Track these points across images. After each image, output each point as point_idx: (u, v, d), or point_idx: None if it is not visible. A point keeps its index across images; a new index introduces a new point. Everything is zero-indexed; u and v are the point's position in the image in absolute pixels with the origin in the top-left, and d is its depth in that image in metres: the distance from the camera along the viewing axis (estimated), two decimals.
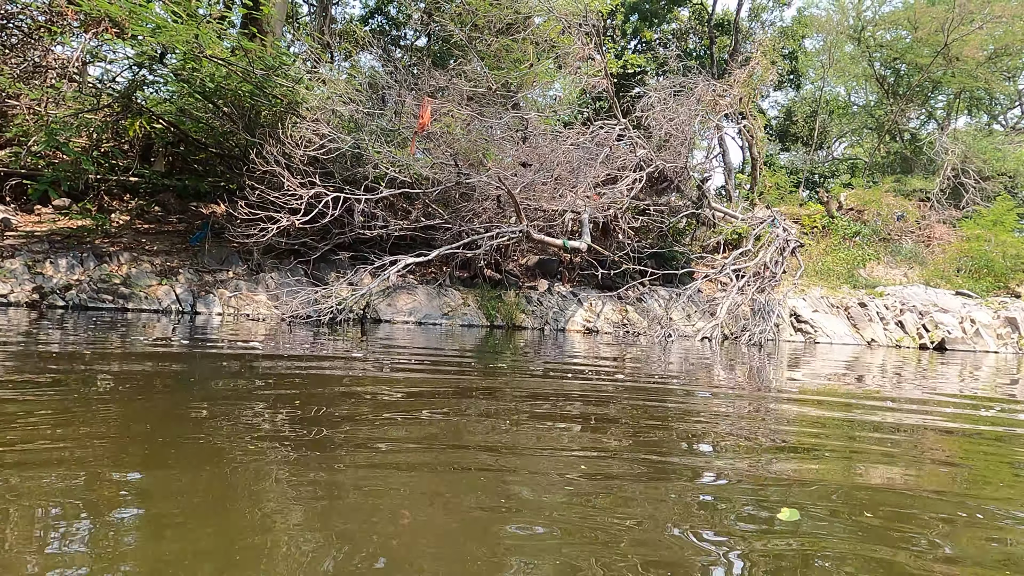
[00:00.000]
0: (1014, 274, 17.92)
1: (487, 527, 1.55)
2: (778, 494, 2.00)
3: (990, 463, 2.71)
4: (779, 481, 2.17)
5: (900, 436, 3.11)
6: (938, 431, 3.32)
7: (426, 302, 11.93)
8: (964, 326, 14.03)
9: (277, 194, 9.84)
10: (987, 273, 17.88)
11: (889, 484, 2.23)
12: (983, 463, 2.70)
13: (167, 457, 1.92)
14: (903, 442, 2.98)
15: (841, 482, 2.24)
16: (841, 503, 1.96)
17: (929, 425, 3.46)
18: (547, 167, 12.08)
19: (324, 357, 5.27)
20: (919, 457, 2.71)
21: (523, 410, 3.19)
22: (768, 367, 7.16)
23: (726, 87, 15.60)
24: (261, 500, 1.60)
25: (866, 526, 1.74)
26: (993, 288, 17.56)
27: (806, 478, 2.24)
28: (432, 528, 1.54)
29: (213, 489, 1.65)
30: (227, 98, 11.39)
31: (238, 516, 1.48)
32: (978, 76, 22.52)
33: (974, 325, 13.98)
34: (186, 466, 1.84)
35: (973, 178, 22.85)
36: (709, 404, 3.95)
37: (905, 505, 1.98)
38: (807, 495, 2.01)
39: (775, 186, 21.85)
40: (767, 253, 12.87)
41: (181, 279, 10.78)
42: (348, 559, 1.29)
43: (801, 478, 2.24)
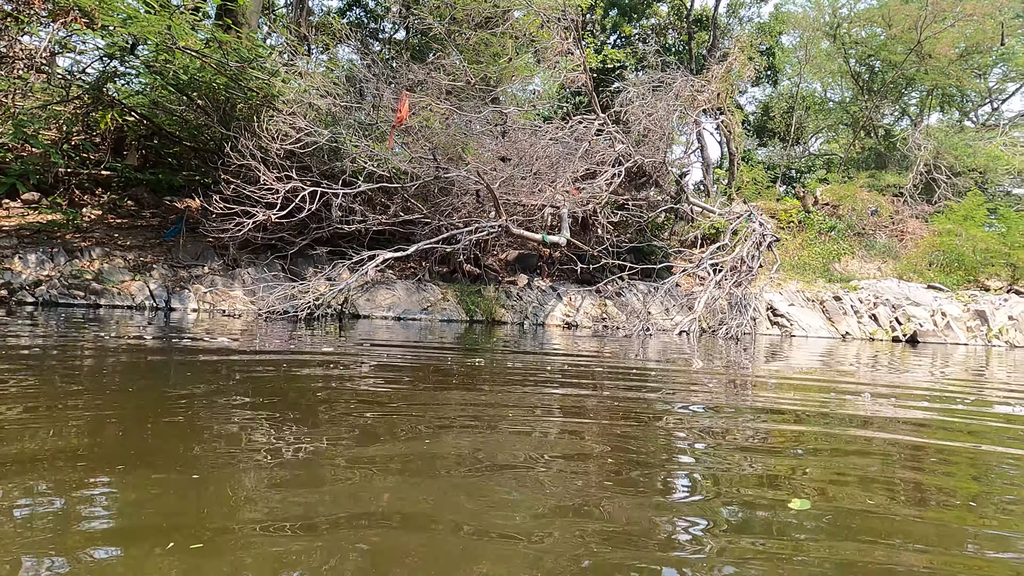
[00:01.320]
0: (984, 268, 18.29)
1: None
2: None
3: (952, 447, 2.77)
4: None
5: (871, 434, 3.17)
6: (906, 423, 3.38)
7: (405, 297, 11.88)
8: (935, 319, 14.30)
9: (253, 188, 9.72)
10: (958, 267, 18.23)
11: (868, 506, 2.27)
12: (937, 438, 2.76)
13: (137, 463, 1.89)
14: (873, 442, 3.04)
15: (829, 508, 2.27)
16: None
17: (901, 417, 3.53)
18: (526, 162, 12.07)
19: (300, 351, 5.23)
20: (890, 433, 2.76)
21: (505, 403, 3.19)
22: (742, 360, 7.24)
23: (704, 83, 15.68)
24: (239, 510, 1.58)
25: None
26: (964, 282, 17.92)
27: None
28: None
29: (191, 480, 1.63)
30: (201, 91, 11.21)
31: (214, 509, 1.47)
32: (950, 73, 22.90)
33: (945, 318, 14.25)
34: (161, 469, 1.81)
35: (945, 174, 23.25)
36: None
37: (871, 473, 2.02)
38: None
39: (753, 181, 22.05)
40: (744, 248, 12.99)
41: (155, 275, 10.61)
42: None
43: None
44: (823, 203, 21.03)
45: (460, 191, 12.04)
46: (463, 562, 1.36)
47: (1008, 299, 15.63)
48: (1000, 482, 2.31)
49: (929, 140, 23.40)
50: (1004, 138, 26.53)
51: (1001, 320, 14.40)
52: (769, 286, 14.43)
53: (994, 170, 24.09)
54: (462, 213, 12.07)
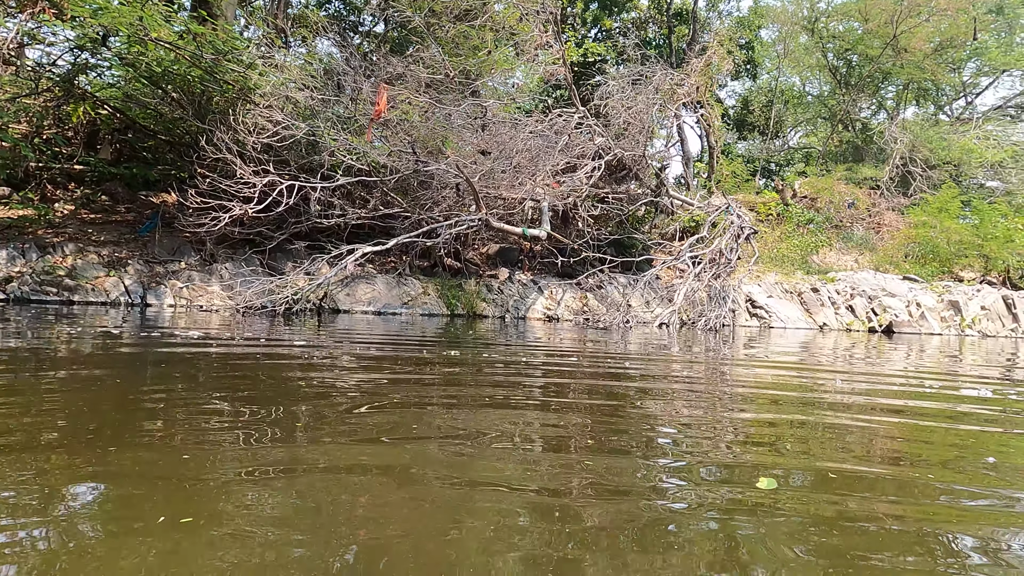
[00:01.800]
0: (958, 259, 18.60)
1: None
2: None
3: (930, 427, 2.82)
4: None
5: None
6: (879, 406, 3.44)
7: (386, 292, 11.83)
8: (910, 310, 14.53)
9: (230, 182, 9.61)
10: (933, 258, 18.52)
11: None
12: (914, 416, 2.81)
13: (116, 467, 1.87)
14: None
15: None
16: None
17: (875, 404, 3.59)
18: (506, 155, 12.05)
19: (278, 344, 5.19)
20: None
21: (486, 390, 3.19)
22: (721, 349, 7.31)
23: (684, 76, 15.75)
24: (221, 517, 1.56)
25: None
26: (938, 273, 18.21)
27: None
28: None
29: (170, 486, 1.61)
30: (176, 83, 11.05)
31: (196, 507, 1.45)
32: (925, 67, 23.21)
33: (920, 308, 14.49)
34: (141, 476, 1.79)
35: (920, 167, 23.59)
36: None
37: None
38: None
39: (732, 174, 22.21)
40: (723, 240, 13.10)
41: (130, 270, 10.46)
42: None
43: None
44: (801, 196, 21.24)
45: (440, 185, 11.99)
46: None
47: (981, 289, 15.92)
48: (972, 453, 2.35)
49: (905, 133, 23.72)
50: (978, 131, 26.97)
51: (974, 310, 14.66)
52: (748, 278, 14.56)
53: (968, 163, 24.49)
54: (442, 207, 12.04)
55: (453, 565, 1.18)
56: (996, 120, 30.54)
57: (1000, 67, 28.46)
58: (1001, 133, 28.57)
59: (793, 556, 1.29)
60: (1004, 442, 2.62)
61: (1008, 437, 2.72)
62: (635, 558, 1.25)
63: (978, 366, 6.26)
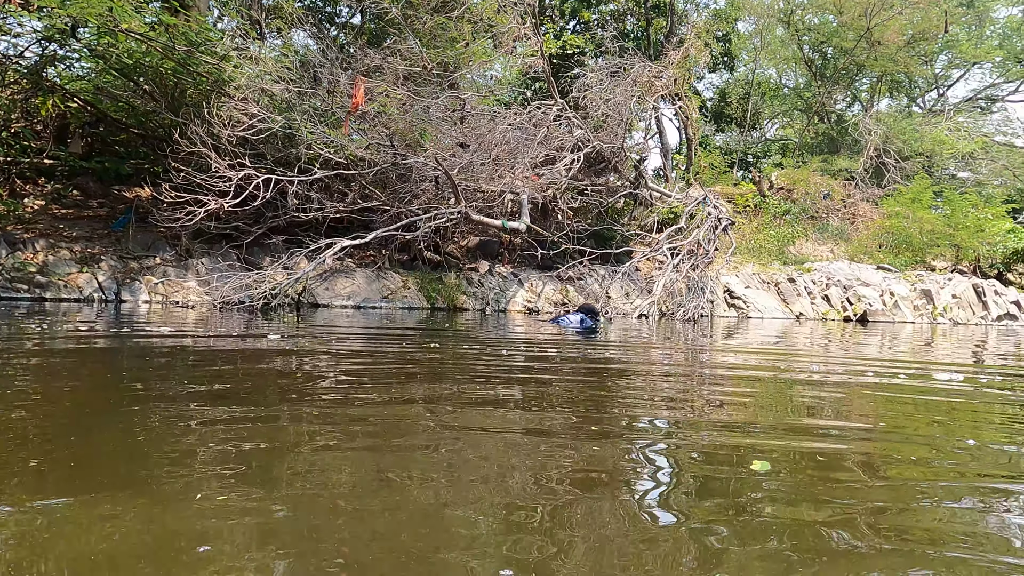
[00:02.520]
0: (930, 249, 18.97)
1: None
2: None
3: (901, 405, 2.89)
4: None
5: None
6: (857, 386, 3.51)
7: (365, 285, 11.77)
8: (884, 299, 14.79)
9: (205, 176, 9.48)
10: (906, 248, 18.87)
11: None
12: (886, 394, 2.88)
13: (89, 475, 1.85)
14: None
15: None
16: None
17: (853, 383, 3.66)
18: (485, 148, 12.04)
19: (255, 338, 5.15)
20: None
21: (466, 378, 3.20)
22: (699, 338, 7.39)
23: (662, 68, 15.81)
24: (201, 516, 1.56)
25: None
26: (911, 262, 18.56)
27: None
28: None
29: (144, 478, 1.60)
30: (148, 76, 10.86)
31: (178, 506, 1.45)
32: (898, 60, 23.55)
33: (893, 298, 14.75)
34: (114, 480, 1.77)
35: (894, 158, 23.98)
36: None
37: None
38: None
39: (710, 166, 22.39)
40: (701, 231, 13.21)
41: (104, 266, 10.30)
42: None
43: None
44: (778, 187, 21.49)
45: (419, 178, 11.95)
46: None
47: (952, 278, 16.25)
48: (950, 421, 2.42)
49: (879, 125, 24.07)
50: (949, 123, 27.42)
51: (945, 299, 14.97)
52: (726, 269, 14.72)
53: (940, 154, 24.92)
54: (421, 200, 11.99)
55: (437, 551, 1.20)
56: (967, 112, 31.10)
57: (970, 59, 28.97)
58: (971, 125, 29.11)
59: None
60: (981, 418, 2.70)
61: (980, 414, 2.80)
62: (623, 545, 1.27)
63: (953, 352, 6.41)
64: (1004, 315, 15.03)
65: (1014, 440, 2.28)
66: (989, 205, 20.94)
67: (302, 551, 1.16)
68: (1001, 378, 4.26)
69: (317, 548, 1.18)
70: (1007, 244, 18.74)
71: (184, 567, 1.10)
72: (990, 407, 3.09)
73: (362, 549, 1.18)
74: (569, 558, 1.19)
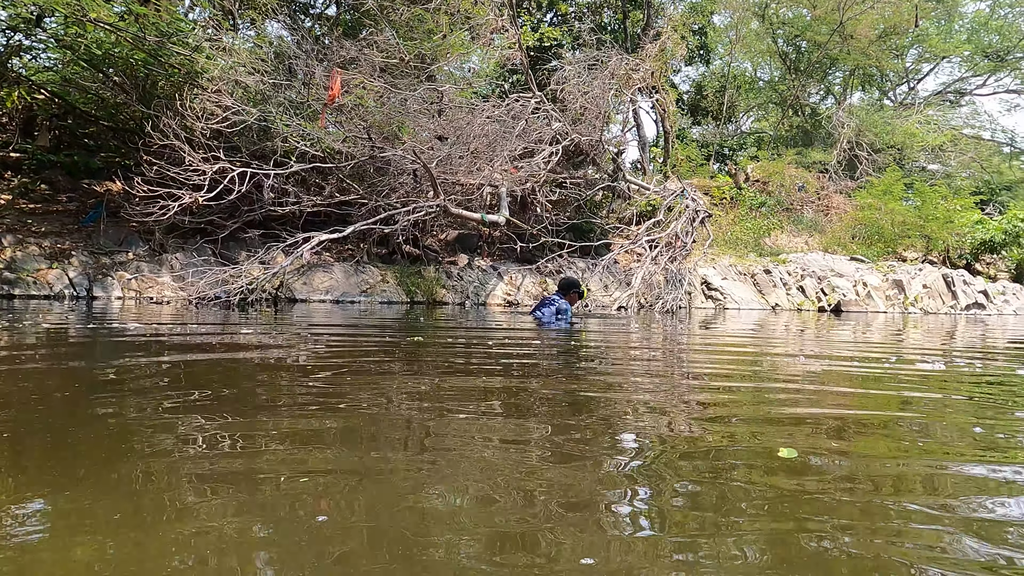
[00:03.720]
0: (901, 240, 19.36)
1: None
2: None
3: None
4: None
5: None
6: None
7: (343, 280, 11.68)
8: (857, 289, 15.06)
9: (178, 170, 9.32)
10: (878, 239, 19.22)
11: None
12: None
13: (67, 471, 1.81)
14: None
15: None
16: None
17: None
18: (463, 141, 11.99)
19: (231, 334, 5.08)
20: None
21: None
22: (678, 328, 7.45)
23: (639, 61, 15.87)
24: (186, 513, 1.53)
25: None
26: (883, 253, 18.92)
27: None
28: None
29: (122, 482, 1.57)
30: (118, 67, 10.62)
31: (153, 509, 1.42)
32: (870, 54, 23.93)
33: (866, 288, 15.03)
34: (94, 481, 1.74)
35: (866, 150, 24.39)
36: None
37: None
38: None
39: (687, 159, 22.57)
40: (679, 224, 13.32)
41: (74, 262, 10.09)
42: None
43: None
44: (754, 180, 21.73)
45: (397, 171, 11.87)
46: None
47: (923, 269, 16.60)
48: (931, 406, 2.47)
49: (851, 118, 24.45)
50: (919, 116, 27.95)
51: (916, 288, 15.28)
52: (703, 261, 14.87)
53: (910, 147, 25.40)
54: (400, 193, 11.92)
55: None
56: (936, 105, 31.72)
57: (940, 53, 29.51)
58: (941, 118, 29.71)
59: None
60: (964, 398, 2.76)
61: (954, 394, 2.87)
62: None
63: (933, 340, 6.55)
64: (972, 304, 15.39)
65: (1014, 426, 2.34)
66: (958, 197, 21.42)
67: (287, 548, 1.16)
68: (981, 365, 4.36)
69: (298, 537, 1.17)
70: (975, 235, 19.19)
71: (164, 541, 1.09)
72: (983, 392, 3.17)
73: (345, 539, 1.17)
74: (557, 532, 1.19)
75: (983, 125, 32.74)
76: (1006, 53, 29.88)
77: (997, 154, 32.02)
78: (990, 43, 29.75)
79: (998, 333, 8.53)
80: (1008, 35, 29.26)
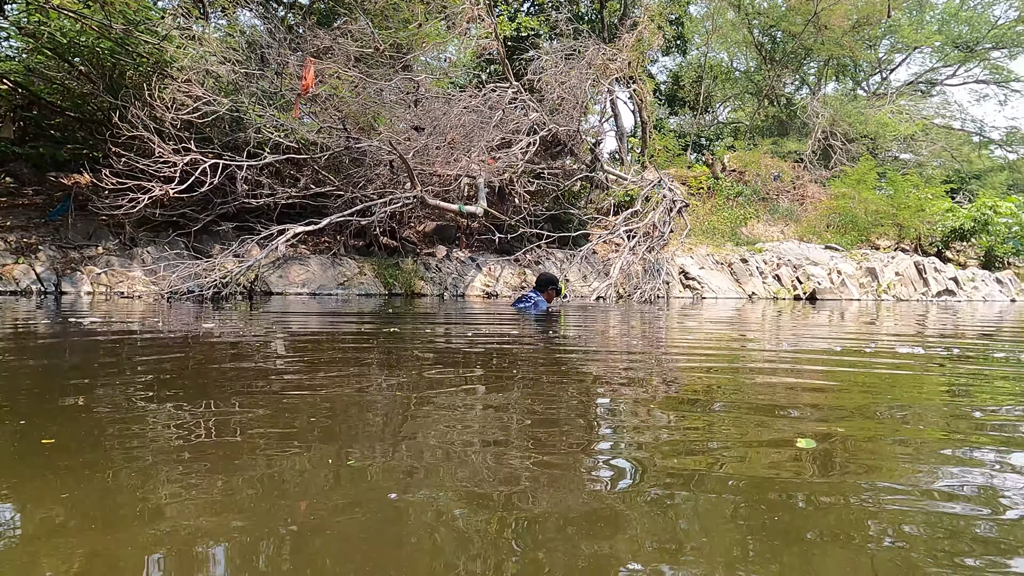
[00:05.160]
0: (874, 228, 19.65)
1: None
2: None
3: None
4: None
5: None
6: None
7: (320, 272, 11.56)
8: (832, 277, 15.27)
9: (148, 161, 9.11)
10: (852, 228, 19.49)
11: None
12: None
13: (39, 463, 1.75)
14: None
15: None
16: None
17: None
18: (440, 131, 11.89)
19: (199, 325, 4.99)
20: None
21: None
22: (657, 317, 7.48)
23: (616, 51, 15.85)
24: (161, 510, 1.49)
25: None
26: (857, 241, 19.19)
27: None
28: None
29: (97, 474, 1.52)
30: (83, 56, 10.35)
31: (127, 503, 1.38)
32: (843, 44, 24.16)
33: (840, 276, 15.24)
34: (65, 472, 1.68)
35: (840, 140, 24.68)
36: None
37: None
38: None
39: (664, 149, 22.64)
40: (656, 214, 13.36)
41: (42, 257, 9.84)
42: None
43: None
44: (730, 170, 21.89)
45: (373, 162, 11.74)
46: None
47: (895, 256, 16.87)
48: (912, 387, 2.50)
49: (826, 108, 24.71)
50: (892, 106, 28.33)
51: (889, 276, 15.53)
52: (681, 251, 14.96)
53: (883, 136, 25.75)
54: (376, 185, 11.79)
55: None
56: (908, 95, 32.18)
57: (911, 44, 29.93)
58: (913, 108, 30.14)
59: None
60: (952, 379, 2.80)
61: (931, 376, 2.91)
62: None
63: (903, 326, 6.65)
64: (943, 291, 15.69)
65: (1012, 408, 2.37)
66: (929, 185, 21.79)
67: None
68: (959, 350, 4.43)
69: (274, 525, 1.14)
70: (946, 223, 19.55)
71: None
72: (970, 376, 3.21)
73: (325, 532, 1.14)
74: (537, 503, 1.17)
75: (953, 115, 33.32)
76: (975, 44, 30.39)
77: (967, 143, 32.62)
78: (960, 34, 30.23)
79: (968, 318, 8.71)
80: (977, 26, 29.76)
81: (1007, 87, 32.90)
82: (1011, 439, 1.90)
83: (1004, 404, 2.48)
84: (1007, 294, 16.63)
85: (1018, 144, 33.88)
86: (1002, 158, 33.85)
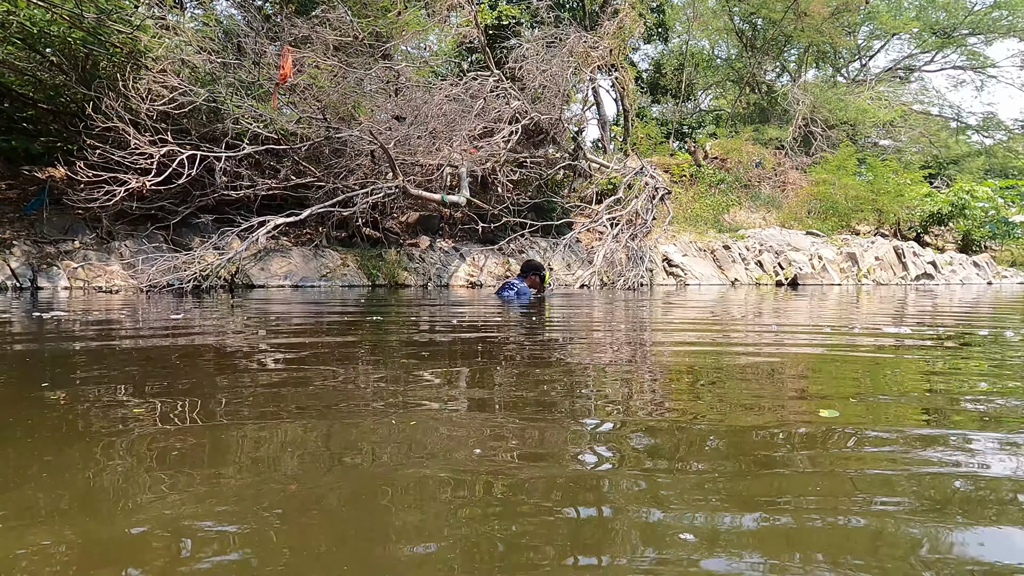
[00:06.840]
0: (855, 214, 19.85)
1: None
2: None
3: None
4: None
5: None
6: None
7: (302, 264, 11.47)
8: (813, 262, 15.42)
9: (124, 153, 8.95)
10: (832, 214, 19.68)
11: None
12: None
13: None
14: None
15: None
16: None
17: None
18: (422, 120, 11.80)
19: (179, 319, 4.94)
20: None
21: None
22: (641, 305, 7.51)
23: (597, 39, 15.80)
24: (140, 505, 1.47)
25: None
26: (838, 227, 19.39)
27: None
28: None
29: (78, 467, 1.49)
30: (55, 46, 10.13)
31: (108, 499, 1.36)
32: (823, 31, 24.28)
33: (821, 261, 15.40)
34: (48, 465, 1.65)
35: (820, 127, 24.85)
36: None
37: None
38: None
39: (647, 137, 22.67)
40: (639, 201, 13.40)
41: (16, 252, 9.67)
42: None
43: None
44: (713, 157, 21.97)
45: (354, 152, 11.64)
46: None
47: (875, 241, 17.07)
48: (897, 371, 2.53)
49: (806, 95, 24.85)
50: (871, 93, 28.56)
51: (869, 261, 15.72)
52: (664, 238, 15.02)
53: (863, 122, 25.97)
54: (358, 175, 11.71)
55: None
56: (887, 81, 32.46)
57: (890, 30, 30.14)
58: (891, 94, 30.42)
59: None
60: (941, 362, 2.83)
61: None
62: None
63: (885, 309, 6.73)
64: (922, 275, 15.92)
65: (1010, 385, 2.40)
66: (908, 171, 22.06)
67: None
68: (942, 330, 4.49)
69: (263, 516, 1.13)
70: (924, 208, 19.81)
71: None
72: (956, 356, 3.26)
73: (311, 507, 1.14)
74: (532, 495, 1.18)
75: (931, 101, 33.70)
76: (952, 30, 30.71)
77: (944, 129, 33.01)
78: (937, 20, 30.53)
79: (946, 300, 8.84)
80: (954, 12, 30.05)
81: (983, 73, 33.32)
82: (988, 413, 1.94)
83: (979, 382, 2.53)
84: (984, 277, 16.90)
85: (994, 129, 34.36)
86: (979, 143, 34.32)
